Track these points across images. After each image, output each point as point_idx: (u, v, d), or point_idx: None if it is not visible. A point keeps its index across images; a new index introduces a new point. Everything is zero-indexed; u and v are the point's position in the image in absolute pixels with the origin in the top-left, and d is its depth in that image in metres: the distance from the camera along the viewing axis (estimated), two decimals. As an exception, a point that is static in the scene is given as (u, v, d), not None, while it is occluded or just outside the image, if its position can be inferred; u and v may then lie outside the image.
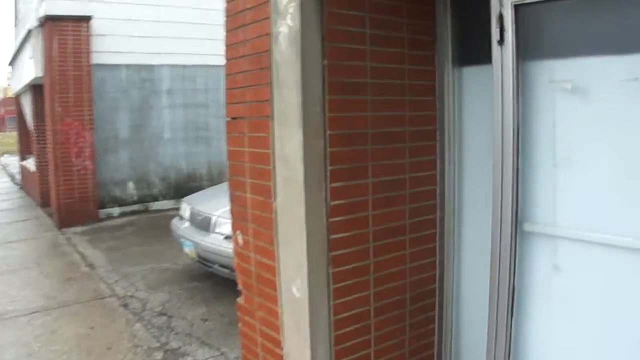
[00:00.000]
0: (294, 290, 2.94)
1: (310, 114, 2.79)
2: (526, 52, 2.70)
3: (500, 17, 2.72)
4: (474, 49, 3.13)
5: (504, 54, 2.74)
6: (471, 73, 3.23)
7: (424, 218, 3.32)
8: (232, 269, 3.86)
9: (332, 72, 2.81)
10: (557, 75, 2.64)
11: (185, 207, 7.28)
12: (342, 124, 2.89)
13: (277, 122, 2.93)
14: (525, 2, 2.63)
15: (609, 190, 2.55)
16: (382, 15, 2.99)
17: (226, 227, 5.89)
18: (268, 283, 3.16)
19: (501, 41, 2.73)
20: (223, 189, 6.96)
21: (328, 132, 2.84)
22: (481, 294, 3.04)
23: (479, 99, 3.16)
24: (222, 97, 5.08)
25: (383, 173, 3.08)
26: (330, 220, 2.89)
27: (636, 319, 2.50)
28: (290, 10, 2.71)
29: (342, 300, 2.97)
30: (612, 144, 2.51)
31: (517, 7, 2.66)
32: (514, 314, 2.86)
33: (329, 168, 2.86)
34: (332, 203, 2.89)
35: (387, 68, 3.04)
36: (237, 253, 3.48)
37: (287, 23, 2.74)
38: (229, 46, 3.34)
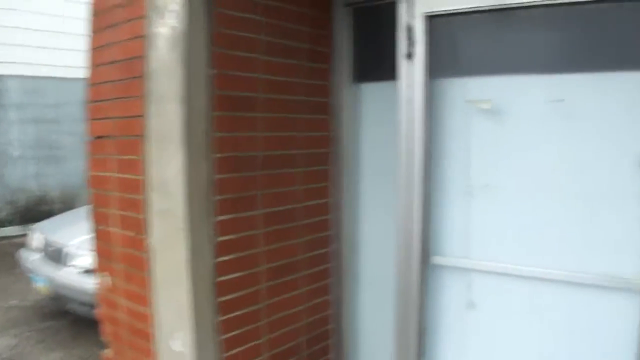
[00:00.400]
0: (174, 343, 2.44)
1: (194, 133, 2.32)
2: (438, 68, 2.45)
3: (409, 29, 2.45)
4: (377, 64, 2.85)
5: (413, 70, 2.48)
6: (373, 90, 2.92)
7: (319, 252, 2.97)
8: (91, 306, 3.25)
9: (220, 83, 2.37)
10: (474, 95, 2.41)
11: (37, 236, 6.39)
12: (230, 145, 2.46)
13: (152, 143, 2.43)
14: (439, 13, 2.39)
15: (528, 218, 2.36)
16: (281, 21, 2.62)
17: (84, 260, 5.18)
18: (142, 334, 2.62)
19: (410, 55, 2.46)
20: (79, 214, 6.24)
21: (214, 155, 2.40)
22: (386, 333, 2.76)
23: (381, 119, 2.86)
24: (78, 111, 4.38)
25: (275, 203, 2.70)
26: (217, 259, 2.44)
27: (554, 352, 2.37)
28: (173, 8, 2.24)
29: (233, 352, 2.52)
30: (533, 169, 2.32)
31: (429, 19, 2.41)
32: (424, 355, 2.61)
33: (216, 198, 2.41)
34: (219, 239, 2.44)
35: (282, 82, 2.66)
36: (103, 299, 2.89)
37: (168, 23, 2.26)
38: (95, 50, 2.77)
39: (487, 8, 2.31)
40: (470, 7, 2.34)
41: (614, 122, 2.15)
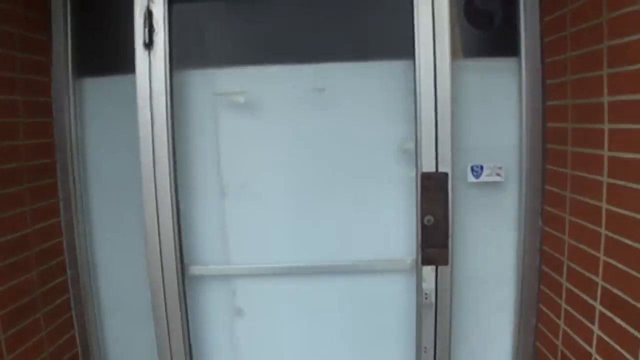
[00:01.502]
0: None
1: None
2: (183, 58, 2.23)
3: (149, 15, 2.18)
4: (109, 54, 2.42)
5: (154, 61, 2.20)
6: (104, 85, 2.46)
7: (56, 282, 2.46)
8: None
9: None
10: (225, 87, 2.25)
11: None
12: None
13: None
14: (181, -3, 2.17)
15: (292, 214, 2.31)
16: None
17: None
18: None
19: (149, 44, 2.19)
20: None
21: None
22: (151, 356, 2.44)
23: (116, 119, 2.44)
24: None
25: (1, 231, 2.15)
26: None
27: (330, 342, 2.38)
28: None
29: None
30: (294, 163, 2.27)
31: (171, 3, 2.17)
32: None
33: None
34: None
35: None
36: None
37: None
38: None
39: None
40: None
41: (376, 110, 2.21)
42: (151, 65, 2.21)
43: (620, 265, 1.69)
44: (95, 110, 2.48)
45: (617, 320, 1.71)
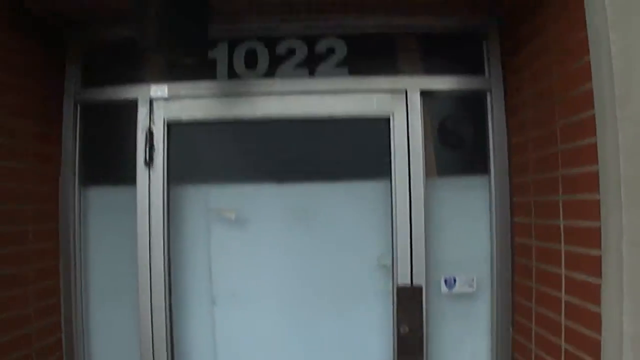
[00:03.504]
0: None
1: None
2: (179, 174, 2.44)
3: (150, 135, 2.40)
4: (112, 167, 2.61)
5: (153, 176, 2.41)
6: (106, 195, 2.63)
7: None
8: None
9: None
10: (217, 202, 2.46)
11: None
12: None
13: None
14: (180, 120, 2.40)
15: (277, 324, 2.44)
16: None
17: None
18: None
19: (150, 161, 2.40)
20: None
21: None
22: None
23: (116, 226, 2.58)
24: None
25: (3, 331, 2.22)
26: None
27: None
28: None
29: None
30: (279, 276, 2.42)
31: (170, 125, 2.41)
32: None
33: None
34: None
35: (9, 189, 2.27)
36: None
37: None
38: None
39: (223, 119, 2.43)
40: (209, 118, 2.43)
41: (356, 227, 2.41)
42: (151, 180, 2.41)
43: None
44: (97, 217, 2.64)
45: None
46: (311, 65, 2.47)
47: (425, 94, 2.43)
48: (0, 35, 2.19)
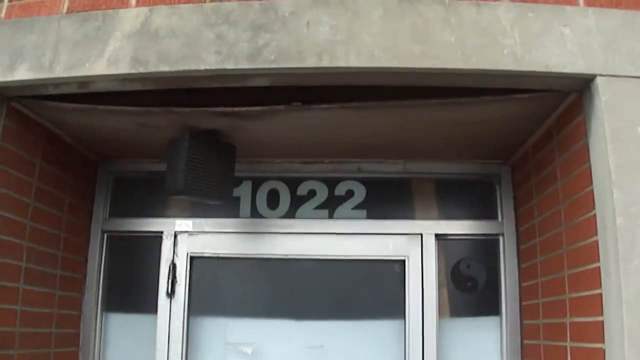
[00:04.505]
0: None
1: None
2: (199, 306, 2.51)
3: (174, 268, 2.50)
4: (134, 295, 2.69)
5: (174, 307, 2.48)
6: (127, 322, 2.68)
7: None
8: None
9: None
10: (234, 335, 2.50)
11: None
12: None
13: None
14: (203, 255, 2.50)
15: None
16: (34, 243, 2.32)
17: None
18: None
19: (172, 293, 2.48)
20: None
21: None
22: None
23: (136, 354, 2.62)
24: None
25: None
26: None
27: None
28: None
29: None
30: None
31: (192, 259, 2.51)
32: None
33: None
34: None
35: (36, 313, 2.34)
36: None
37: None
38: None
39: (243, 256, 2.54)
40: (231, 254, 2.53)
41: None
42: (172, 311, 2.48)
43: None
44: (117, 343, 2.67)
45: None
46: (331, 207, 2.60)
47: (440, 237, 2.52)
48: (35, 164, 2.33)
